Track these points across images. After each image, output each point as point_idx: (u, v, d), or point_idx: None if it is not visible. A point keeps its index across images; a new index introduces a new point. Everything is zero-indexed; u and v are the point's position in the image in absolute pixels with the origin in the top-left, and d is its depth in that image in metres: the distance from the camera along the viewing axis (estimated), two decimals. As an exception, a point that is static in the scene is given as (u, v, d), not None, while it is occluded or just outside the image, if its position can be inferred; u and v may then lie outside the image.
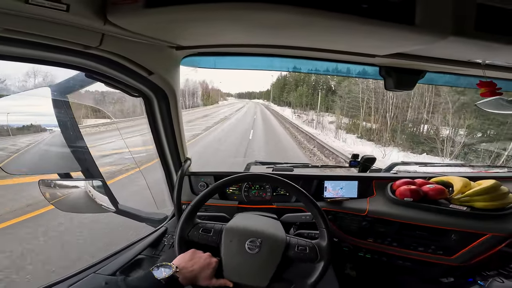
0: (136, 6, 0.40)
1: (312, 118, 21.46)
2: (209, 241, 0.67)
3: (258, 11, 0.40)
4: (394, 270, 1.02)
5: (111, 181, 3.88)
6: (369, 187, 1.05)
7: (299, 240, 0.70)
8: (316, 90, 27.43)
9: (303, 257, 0.66)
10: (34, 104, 0.67)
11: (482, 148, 8.24)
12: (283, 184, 0.73)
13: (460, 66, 0.69)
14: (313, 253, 0.67)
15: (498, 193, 0.84)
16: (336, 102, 19.16)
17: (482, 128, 8.86)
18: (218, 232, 0.68)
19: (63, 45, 0.48)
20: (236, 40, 0.64)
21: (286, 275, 0.68)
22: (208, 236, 0.68)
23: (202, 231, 0.68)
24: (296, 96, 32.29)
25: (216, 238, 0.68)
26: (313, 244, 0.68)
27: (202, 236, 0.68)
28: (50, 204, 0.72)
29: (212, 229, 0.69)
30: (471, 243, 0.83)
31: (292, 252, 0.66)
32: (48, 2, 0.36)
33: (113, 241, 2.36)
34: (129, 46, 0.57)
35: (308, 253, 0.66)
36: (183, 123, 0.95)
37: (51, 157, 0.71)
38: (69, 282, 0.67)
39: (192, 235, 0.68)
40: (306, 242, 0.69)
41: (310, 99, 28.29)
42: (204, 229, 0.69)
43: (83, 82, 0.66)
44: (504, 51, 0.51)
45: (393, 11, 0.40)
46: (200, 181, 1.08)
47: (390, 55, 0.64)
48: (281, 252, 0.66)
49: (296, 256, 0.66)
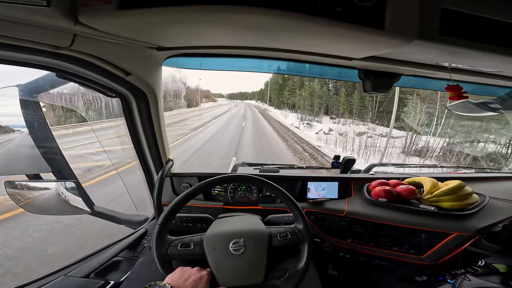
0: (109, 7, 0.39)
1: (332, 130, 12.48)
2: (192, 254, 0.65)
3: (240, 14, 0.40)
4: (372, 269, 1.04)
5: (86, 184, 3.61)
6: (348, 188, 1.07)
7: (279, 228, 0.71)
8: (341, 87, 18.91)
9: (287, 242, 0.68)
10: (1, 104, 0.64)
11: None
12: (254, 181, 0.74)
13: (429, 70, 0.72)
14: (295, 236, 0.69)
15: (463, 193, 0.89)
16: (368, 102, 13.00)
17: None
18: (199, 243, 0.67)
19: (30, 45, 0.46)
20: (220, 42, 0.64)
21: (278, 264, 0.69)
22: (189, 250, 0.66)
23: (181, 246, 0.66)
24: (305, 96, 25.00)
25: (199, 249, 0.66)
26: (292, 228, 0.71)
27: (183, 252, 0.65)
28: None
29: (191, 242, 0.67)
30: (439, 243, 0.87)
31: (276, 241, 0.68)
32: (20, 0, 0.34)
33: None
34: (103, 46, 0.56)
35: (291, 238, 0.69)
36: (165, 123, 0.94)
37: (19, 158, 0.68)
38: (38, 284, 0.65)
39: (172, 253, 0.65)
40: (285, 229, 0.71)
41: (325, 99, 22.34)
42: (183, 244, 0.66)
43: (54, 82, 0.64)
44: (468, 55, 0.53)
45: (365, 16, 0.42)
46: (183, 182, 1.07)
47: (365, 58, 0.66)
48: (266, 244, 0.67)
49: (281, 243, 0.68)
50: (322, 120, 17.37)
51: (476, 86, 0.93)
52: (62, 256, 2.10)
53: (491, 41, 0.48)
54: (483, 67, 0.68)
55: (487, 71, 0.72)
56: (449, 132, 9.87)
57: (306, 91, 25.54)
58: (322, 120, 17.86)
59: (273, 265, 0.67)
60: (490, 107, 0.95)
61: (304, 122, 17.51)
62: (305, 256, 0.67)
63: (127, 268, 0.79)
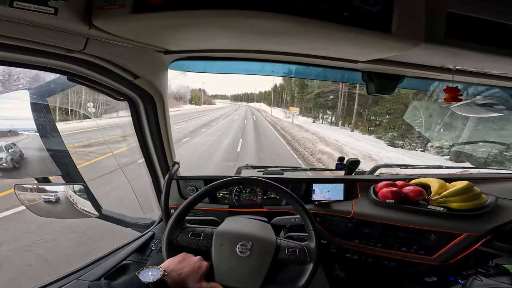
0: (123, 11, 0.40)
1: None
2: (199, 245, 0.66)
3: (248, 18, 0.40)
4: (381, 270, 1.03)
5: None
6: (354, 189, 1.07)
7: (289, 242, 0.70)
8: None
9: (293, 259, 0.67)
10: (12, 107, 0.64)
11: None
12: (273, 187, 0.73)
13: (434, 72, 0.73)
14: (303, 255, 0.67)
15: (472, 194, 0.89)
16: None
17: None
18: (209, 236, 0.67)
19: (44, 48, 0.47)
20: (226, 45, 0.64)
21: (277, 277, 0.68)
22: (198, 240, 0.67)
23: (192, 235, 0.67)
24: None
25: (207, 242, 0.67)
26: (303, 246, 0.69)
27: (191, 240, 0.66)
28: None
29: (202, 233, 0.68)
30: (449, 243, 0.87)
31: (282, 254, 0.67)
32: (35, 6, 0.35)
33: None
34: (114, 50, 0.57)
35: (298, 255, 0.67)
36: (171, 126, 0.94)
37: (29, 161, 0.69)
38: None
39: (181, 239, 0.66)
40: (295, 244, 0.69)
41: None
42: (194, 233, 0.68)
43: (64, 85, 0.64)
44: (473, 57, 0.54)
45: (372, 20, 0.43)
46: (189, 186, 1.07)
47: (371, 61, 0.67)
48: (272, 254, 0.66)
49: (287, 258, 0.67)
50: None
51: (477, 87, 0.94)
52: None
53: (495, 43, 0.49)
54: (487, 69, 0.69)
55: (491, 73, 0.73)
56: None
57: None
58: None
59: (272, 276, 0.66)
60: (494, 108, 0.96)
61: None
62: (306, 277, 0.65)
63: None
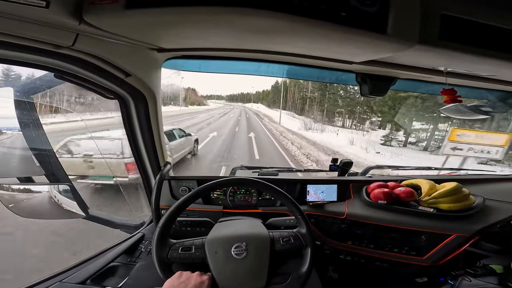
0: (116, 6, 0.39)
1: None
2: (193, 258, 0.64)
3: (243, 16, 0.40)
4: (373, 271, 1.04)
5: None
6: (347, 191, 1.08)
7: (281, 232, 0.70)
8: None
9: (290, 247, 0.67)
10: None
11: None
12: (266, 187, 0.73)
13: (426, 74, 0.74)
14: (298, 241, 0.68)
15: (460, 195, 0.90)
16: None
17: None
18: (200, 247, 0.65)
19: (31, 44, 0.45)
20: (222, 44, 0.64)
21: (280, 269, 0.68)
22: (190, 254, 0.64)
23: (182, 250, 0.64)
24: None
25: (200, 253, 0.64)
26: (295, 232, 0.70)
27: (183, 255, 0.64)
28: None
29: (192, 246, 0.65)
30: (439, 244, 0.88)
31: (278, 246, 0.67)
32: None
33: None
34: (105, 46, 0.55)
35: (293, 242, 0.68)
36: (163, 126, 0.93)
37: (10, 159, 0.66)
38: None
39: (172, 256, 0.63)
40: (288, 233, 0.70)
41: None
42: (184, 247, 0.65)
43: (51, 82, 0.62)
44: (465, 59, 0.56)
45: (368, 20, 0.43)
46: (182, 186, 1.05)
47: (365, 62, 0.67)
48: (268, 249, 0.66)
49: (284, 248, 0.67)
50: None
51: (469, 89, 0.96)
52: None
53: (486, 45, 0.50)
54: (477, 71, 0.70)
55: (481, 75, 0.75)
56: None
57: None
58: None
59: (275, 269, 0.66)
60: (482, 110, 0.99)
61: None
62: (308, 261, 0.66)
63: (125, 273, 0.76)
